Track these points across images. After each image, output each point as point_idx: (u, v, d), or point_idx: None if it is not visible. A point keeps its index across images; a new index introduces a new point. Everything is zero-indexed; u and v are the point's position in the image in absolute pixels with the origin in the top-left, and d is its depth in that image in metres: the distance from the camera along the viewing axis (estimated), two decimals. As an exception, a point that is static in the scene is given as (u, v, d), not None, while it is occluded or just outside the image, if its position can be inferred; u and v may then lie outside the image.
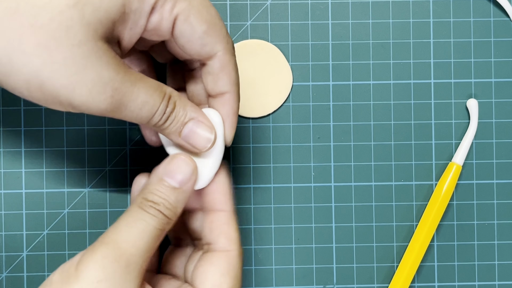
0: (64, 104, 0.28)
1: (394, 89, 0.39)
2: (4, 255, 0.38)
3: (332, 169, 0.39)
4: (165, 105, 0.30)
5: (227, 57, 0.32)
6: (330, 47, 0.39)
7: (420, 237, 0.38)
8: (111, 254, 0.28)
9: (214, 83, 0.32)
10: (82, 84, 0.27)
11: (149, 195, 0.30)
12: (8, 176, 0.38)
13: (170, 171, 0.31)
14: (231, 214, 0.32)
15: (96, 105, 0.28)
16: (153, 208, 0.30)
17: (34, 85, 0.27)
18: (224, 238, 0.31)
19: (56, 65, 0.27)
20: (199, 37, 0.31)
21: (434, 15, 0.39)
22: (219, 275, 0.30)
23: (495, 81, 0.40)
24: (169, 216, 0.30)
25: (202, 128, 0.31)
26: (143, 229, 0.29)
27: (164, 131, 0.31)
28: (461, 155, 0.39)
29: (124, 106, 0.28)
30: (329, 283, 0.39)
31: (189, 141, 0.31)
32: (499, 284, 0.39)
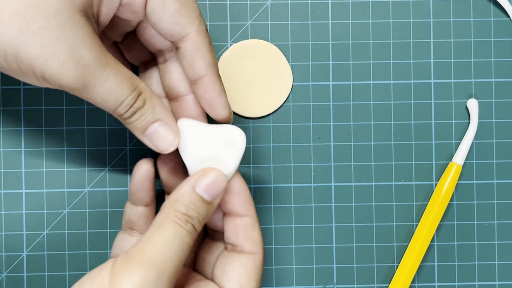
0: (38, 76, 0.28)
1: (394, 89, 0.39)
2: (4, 255, 0.38)
3: (332, 169, 0.39)
4: (133, 98, 0.30)
5: (199, 39, 0.31)
6: (330, 47, 0.39)
7: (420, 237, 0.38)
8: (152, 276, 0.27)
9: (190, 67, 0.32)
10: (54, 56, 0.27)
11: (183, 208, 0.30)
12: (8, 176, 0.38)
13: (205, 185, 0.30)
14: (255, 218, 0.32)
15: (66, 80, 0.27)
16: (188, 223, 0.29)
17: (10, 54, 0.27)
18: (250, 242, 0.32)
19: (31, 34, 0.27)
20: (171, 14, 0.30)
21: (434, 15, 0.39)
22: (246, 276, 0.31)
23: (495, 81, 0.40)
24: (198, 230, 0.30)
25: (167, 131, 0.31)
26: (181, 247, 0.29)
27: (129, 125, 0.31)
28: (461, 155, 0.39)
29: (91, 87, 0.28)
30: (329, 283, 0.39)
31: (152, 141, 0.31)
32: (499, 284, 0.39)
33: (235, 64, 0.39)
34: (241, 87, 0.39)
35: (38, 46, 0.27)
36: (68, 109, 0.39)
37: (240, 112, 0.39)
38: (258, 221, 0.33)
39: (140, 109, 0.30)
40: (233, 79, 0.39)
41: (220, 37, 0.39)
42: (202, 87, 0.32)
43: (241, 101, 0.39)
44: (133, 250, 0.28)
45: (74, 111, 0.39)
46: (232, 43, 0.39)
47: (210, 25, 0.39)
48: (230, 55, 0.39)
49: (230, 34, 0.39)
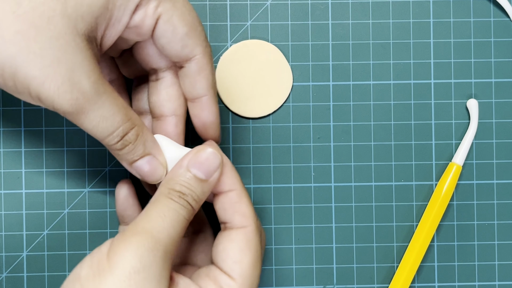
0: (33, 96, 0.28)
1: (394, 89, 0.39)
2: (4, 255, 0.38)
3: (332, 169, 0.39)
4: (124, 130, 0.30)
5: (205, 60, 0.32)
6: (330, 47, 0.39)
7: (420, 237, 0.38)
8: (147, 244, 0.27)
9: (191, 86, 0.33)
10: (52, 78, 0.27)
11: (177, 186, 0.30)
12: (8, 176, 0.38)
13: (197, 163, 0.31)
14: (241, 192, 0.32)
15: (60, 104, 0.28)
16: (182, 198, 0.30)
17: (8, 73, 0.27)
18: (238, 216, 0.31)
19: (31, 54, 0.27)
20: (180, 38, 0.31)
21: (434, 15, 0.39)
22: (238, 250, 0.30)
23: (495, 81, 0.40)
24: (194, 207, 0.30)
25: (156, 165, 0.31)
26: (176, 218, 0.29)
27: (117, 156, 0.31)
28: (461, 155, 0.39)
29: (84, 113, 0.28)
30: (329, 283, 0.39)
31: (139, 173, 0.31)
32: (499, 284, 0.39)
33: (235, 64, 0.39)
34: (241, 87, 0.39)
35: (36, 68, 0.27)
36: (68, 109, 0.39)
37: (240, 112, 0.39)
38: (246, 194, 0.32)
39: (132, 143, 0.30)
40: (233, 79, 0.39)
41: (220, 37, 0.39)
42: (200, 106, 0.33)
43: (241, 101, 0.39)
44: (129, 225, 0.29)
45: (74, 111, 0.38)
46: (232, 43, 0.39)
47: (210, 25, 0.39)
48: (230, 55, 0.39)
49: (230, 34, 0.39)
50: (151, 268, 0.27)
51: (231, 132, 0.39)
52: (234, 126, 0.39)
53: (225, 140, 0.39)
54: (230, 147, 0.39)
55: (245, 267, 0.30)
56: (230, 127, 0.39)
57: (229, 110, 0.39)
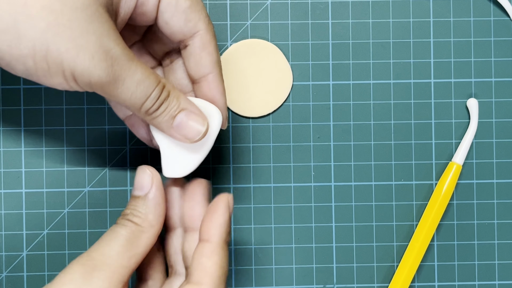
0: (67, 74, 0.28)
1: (394, 89, 0.39)
2: (4, 255, 0.38)
3: (332, 169, 0.39)
4: (160, 90, 0.30)
5: (208, 37, 0.32)
6: (330, 47, 0.39)
7: (420, 237, 0.38)
8: (80, 261, 0.29)
9: (196, 64, 0.33)
10: (85, 48, 0.27)
11: (123, 211, 0.31)
12: (8, 175, 0.38)
13: (135, 184, 0.32)
14: (217, 246, 0.30)
15: (97, 73, 0.28)
16: (122, 219, 0.31)
17: (39, 51, 0.27)
18: (200, 271, 0.30)
19: (61, 27, 0.27)
20: (183, 11, 0.31)
21: (434, 15, 0.39)
22: None
23: (495, 81, 0.40)
24: (138, 223, 0.31)
25: (194, 120, 0.31)
26: (112, 237, 0.30)
27: (156, 119, 0.31)
28: (461, 155, 0.39)
29: (121, 80, 0.29)
30: (329, 283, 0.39)
31: (181, 131, 0.31)
32: (499, 284, 0.39)
33: (235, 64, 0.39)
34: (241, 87, 0.39)
35: (68, 40, 0.27)
36: (68, 109, 0.39)
37: (240, 112, 0.39)
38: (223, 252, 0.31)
39: (166, 100, 0.31)
40: (233, 79, 0.39)
41: (220, 37, 0.39)
42: (206, 85, 0.33)
43: (241, 101, 0.39)
44: None
45: (74, 111, 0.39)
46: (232, 43, 0.39)
47: (210, 24, 0.39)
48: (230, 55, 0.39)
49: (230, 34, 0.39)
50: (82, 277, 0.29)
51: (231, 131, 0.39)
52: (234, 126, 0.39)
53: (225, 139, 0.39)
54: (230, 147, 0.39)
55: None
56: (230, 126, 0.39)
57: (229, 110, 0.39)
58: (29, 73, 0.28)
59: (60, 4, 0.27)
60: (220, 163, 0.39)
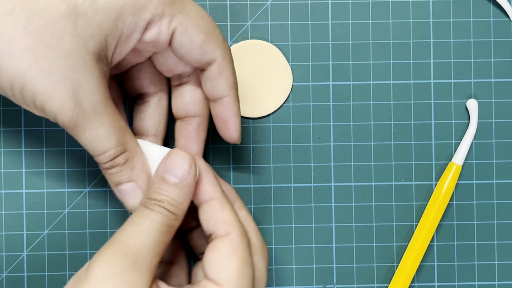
0: (38, 108, 0.29)
1: (394, 89, 0.39)
2: (4, 255, 0.38)
3: (332, 169, 0.39)
4: (116, 153, 0.31)
5: (225, 62, 0.32)
6: (330, 47, 0.39)
7: (420, 237, 0.38)
8: (118, 252, 0.28)
9: (213, 88, 0.33)
10: (57, 95, 0.28)
11: (153, 194, 0.30)
12: (8, 176, 0.38)
13: (169, 168, 0.31)
14: (222, 199, 0.32)
15: (61, 119, 0.29)
16: (157, 205, 0.30)
17: (16, 87, 0.28)
18: (221, 223, 0.31)
19: (39, 71, 0.28)
20: (198, 46, 0.31)
21: (434, 15, 0.40)
22: (223, 258, 0.30)
23: (495, 81, 0.40)
24: (174, 212, 0.30)
25: (137, 194, 0.32)
26: (149, 226, 0.29)
27: (104, 174, 0.32)
28: (461, 155, 0.39)
29: (81, 130, 0.29)
30: (329, 283, 0.39)
31: (122, 197, 0.32)
32: (499, 284, 0.39)
33: (235, 65, 0.39)
34: (241, 87, 0.39)
35: (44, 84, 0.28)
36: (68, 109, 0.38)
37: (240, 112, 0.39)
38: (228, 202, 0.32)
39: (120, 166, 0.31)
40: (233, 79, 0.39)
41: (220, 37, 0.39)
42: (221, 107, 0.33)
43: (241, 101, 0.39)
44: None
45: (74, 111, 0.38)
46: (232, 43, 0.39)
47: (210, 25, 0.39)
48: (230, 55, 0.39)
49: (230, 34, 0.39)
50: (123, 274, 0.28)
51: (231, 132, 0.39)
52: (234, 126, 0.39)
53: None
54: (230, 147, 0.39)
55: (231, 272, 0.30)
56: (230, 127, 0.39)
57: (229, 110, 0.39)
58: (8, 97, 0.29)
59: (45, 48, 0.27)
60: (220, 163, 0.39)
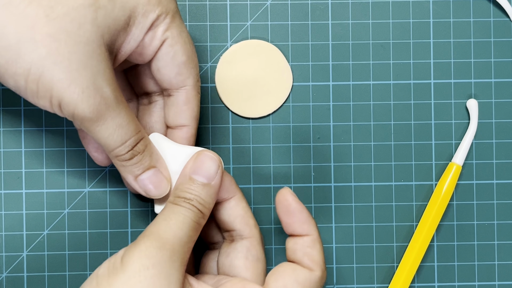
0: (54, 102, 0.28)
1: (394, 89, 0.39)
2: (4, 255, 0.38)
3: (332, 169, 0.39)
4: (136, 140, 0.31)
5: (193, 93, 0.33)
6: (330, 47, 0.39)
7: (420, 237, 0.38)
8: (154, 244, 0.29)
9: (175, 116, 0.34)
10: (77, 82, 0.28)
11: (182, 193, 0.31)
12: (8, 176, 0.38)
13: (197, 168, 0.32)
14: (316, 239, 0.32)
15: (82, 109, 0.28)
16: (187, 203, 0.31)
17: (33, 74, 0.28)
18: (308, 259, 0.32)
19: (60, 57, 0.27)
20: (177, 65, 0.32)
21: (434, 15, 0.39)
22: (297, 284, 0.31)
23: (495, 81, 0.40)
24: (202, 211, 0.31)
25: (161, 178, 0.32)
26: (182, 220, 0.30)
27: (124, 168, 0.31)
28: (461, 155, 0.39)
29: (103, 119, 0.29)
30: (329, 284, 0.39)
31: (145, 186, 0.32)
32: (499, 284, 0.39)
33: (235, 64, 0.39)
34: (241, 87, 0.39)
35: (64, 70, 0.28)
36: (68, 109, 0.39)
37: (240, 112, 0.39)
38: (321, 242, 0.32)
39: (140, 153, 0.31)
40: (233, 79, 0.39)
41: (220, 37, 0.39)
42: (180, 135, 0.34)
43: (241, 101, 0.39)
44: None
45: (74, 111, 0.38)
46: (232, 43, 0.39)
47: (210, 25, 0.39)
48: (230, 55, 0.39)
49: (230, 34, 0.39)
50: (160, 265, 0.28)
51: (231, 132, 0.39)
52: (234, 126, 0.39)
53: (225, 140, 0.39)
54: (230, 147, 0.39)
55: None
56: (230, 127, 0.39)
57: (229, 110, 0.39)
58: (18, 90, 0.29)
59: (65, 35, 0.28)
60: (220, 163, 0.39)
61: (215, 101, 0.39)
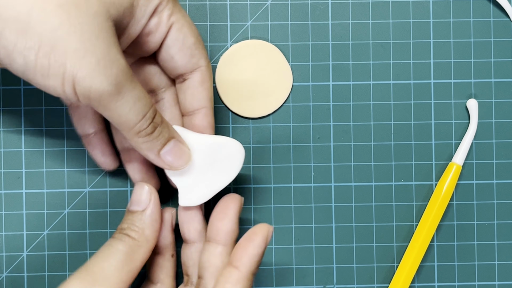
0: (66, 77, 0.27)
1: (394, 89, 0.39)
2: (4, 255, 0.38)
3: (332, 169, 0.39)
4: (154, 111, 0.30)
5: (208, 73, 0.33)
6: (330, 47, 0.39)
7: (420, 237, 0.38)
8: (80, 278, 0.30)
9: (192, 98, 0.34)
10: (93, 52, 0.27)
11: (120, 225, 0.32)
12: (8, 176, 0.38)
13: (132, 199, 0.33)
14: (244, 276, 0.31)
15: (100, 80, 0.27)
16: (119, 233, 0.32)
17: (45, 46, 0.26)
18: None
19: (72, 27, 0.26)
20: (189, 47, 0.32)
21: (434, 15, 0.39)
22: None
23: (495, 81, 0.40)
24: (136, 238, 0.32)
25: (181, 148, 0.32)
26: (109, 252, 0.31)
27: (147, 144, 0.31)
28: (461, 155, 0.39)
29: (122, 92, 0.28)
30: (329, 283, 0.39)
31: (167, 159, 0.32)
32: (499, 284, 0.39)
33: (235, 64, 0.39)
34: (241, 87, 0.39)
35: (78, 40, 0.26)
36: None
37: (240, 112, 0.39)
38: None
39: (160, 125, 0.31)
40: (233, 79, 0.39)
41: (220, 37, 0.39)
42: (199, 118, 0.34)
43: (241, 101, 0.39)
44: None
45: (74, 111, 0.38)
46: (232, 43, 0.39)
47: (210, 25, 0.39)
48: (230, 55, 0.39)
49: (230, 34, 0.39)
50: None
51: (231, 132, 0.39)
52: (234, 126, 0.39)
53: (225, 140, 0.39)
54: (230, 147, 0.39)
55: None
56: (230, 127, 0.39)
57: (229, 110, 0.39)
58: (26, 69, 0.27)
59: (75, 7, 0.27)
60: (220, 163, 0.39)
61: (215, 101, 0.39)
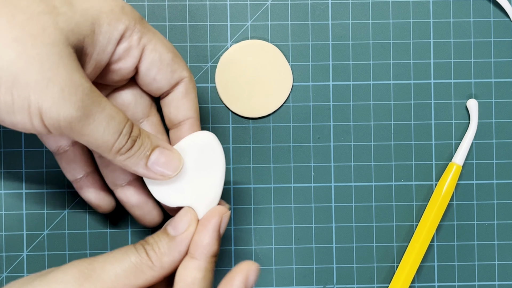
0: (33, 109, 0.27)
1: (394, 89, 0.39)
2: (4, 255, 0.38)
3: (332, 169, 0.39)
4: (130, 126, 0.30)
5: (191, 84, 0.33)
6: (330, 47, 0.39)
7: (420, 237, 0.38)
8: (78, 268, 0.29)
9: (177, 110, 0.33)
10: (55, 81, 0.27)
11: (149, 236, 0.31)
12: (9, 176, 0.38)
13: (175, 220, 0.31)
14: (201, 265, 0.30)
15: (67, 107, 0.27)
16: (140, 245, 0.30)
17: (6, 82, 0.26)
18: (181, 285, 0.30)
19: (31, 59, 0.26)
20: (168, 64, 0.32)
21: (434, 15, 0.39)
22: None
23: (495, 81, 0.40)
24: (152, 259, 0.30)
25: (169, 155, 0.31)
26: (120, 257, 0.29)
27: (130, 159, 0.30)
28: (461, 155, 0.39)
29: (92, 115, 0.28)
30: (329, 283, 0.39)
31: (157, 170, 0.31)
32: (499, 284, 0.39)
33: (235, 64, 0.39)
34: (241, 87, 0.39)
35: (38, 71, 0.26)
36: (68, 109, 0.39)
37: (240, 112, 0.39)
38: None
39: (139, 137, 0.30)
40: (233, 80, 0.39)
41: (220, 37, 0.39)
42: (185, 129, 0.33)
43: (241, 102, 0.39)
44: None
45: (74, 111, 0.38)
46: (232, 43, 0.39)
47: (210, 25, 0.39)
48: (230, 55, 0.39)
49: (230, 34, 0.39)
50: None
51: (231, 132, 0.39)
52: (234, 126, 0.39)
53: (225, 140, 0.39)
54: (230, 147, 0.39)
55: None
56: (230, 127, 0.39)
57: (229, 110, 0.39)
58: None
59: (32, 38, 0.27)
60: (220, 163, 0.39)
61: (215, 101, 0.39)
